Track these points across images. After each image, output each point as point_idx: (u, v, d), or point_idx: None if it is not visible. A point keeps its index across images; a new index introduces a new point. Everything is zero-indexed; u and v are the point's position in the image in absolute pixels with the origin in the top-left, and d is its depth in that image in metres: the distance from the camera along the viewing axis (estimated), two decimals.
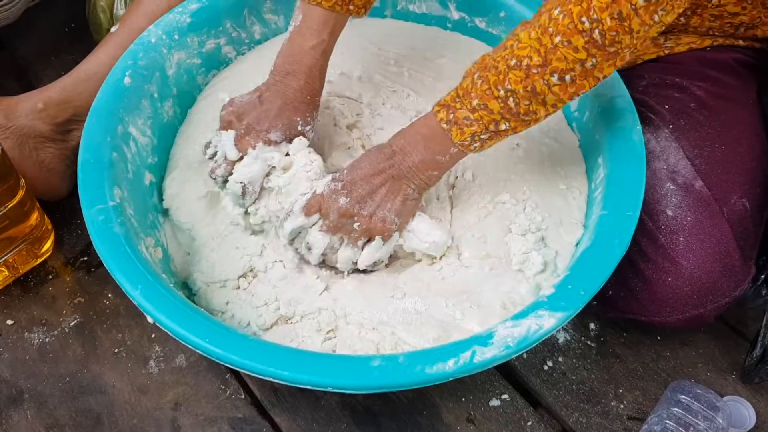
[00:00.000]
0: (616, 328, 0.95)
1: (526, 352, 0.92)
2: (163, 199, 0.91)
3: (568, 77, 0.71)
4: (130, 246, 0.77)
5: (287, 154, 0.87)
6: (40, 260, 0.99)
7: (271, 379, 0.70)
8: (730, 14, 0.91)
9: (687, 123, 0.89)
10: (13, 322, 0.95)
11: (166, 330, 0.72)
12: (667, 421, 0.81)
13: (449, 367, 0.68)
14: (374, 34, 1.06)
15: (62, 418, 0.87)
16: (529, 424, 0.87)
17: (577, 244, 0.84)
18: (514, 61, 0.72)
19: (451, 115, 0.76)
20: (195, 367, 0.90)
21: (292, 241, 0.85)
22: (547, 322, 0.71)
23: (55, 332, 0.94)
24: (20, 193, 0.90)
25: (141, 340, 0.93)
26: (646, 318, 0.88)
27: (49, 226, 0.99)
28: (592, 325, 0.95)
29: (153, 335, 0.93)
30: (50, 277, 0.99)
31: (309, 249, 0.83)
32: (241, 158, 0.86)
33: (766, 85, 0.96)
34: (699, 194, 0.85)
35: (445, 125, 0.77)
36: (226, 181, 0.87)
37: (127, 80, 0.90)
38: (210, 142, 0.89)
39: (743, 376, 0.90)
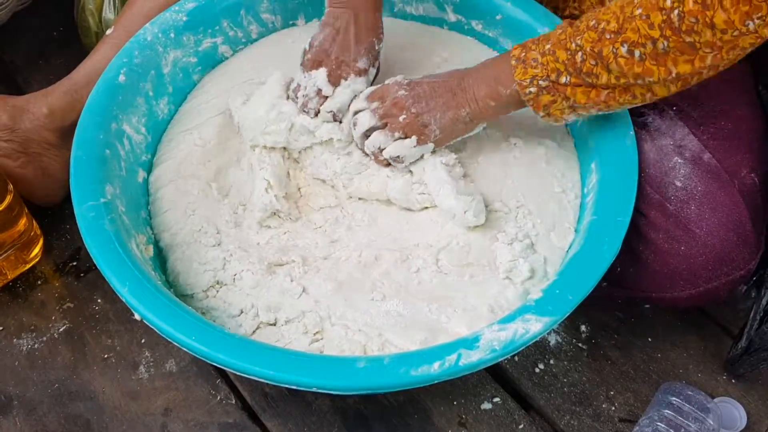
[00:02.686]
0: (608, 330, 0.95)
1: (517, 354, 0.92)
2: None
3: (637, 52, 0.70)
4: (120, 243, 0.77)
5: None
6: (28, 266, 0.98)
7: (257, 379, 0.70)
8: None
9: (689, 103, 0.87)
10: (1, 328, 0.94)
11: (153, 327, 0.72)
12: (658, 423, 0.81)
13: (434, 369, 0.68)
14: None
15: (51, 425, 0.87)
16: (521, 427, 0.87)
17: (568, 249, 0.84)
18: (593, 21, 0.73)
19: (523, 54, 0.78)
20: (185, 372, 0.90)
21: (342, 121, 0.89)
22: (534, 326, 0.71)
23: (44, 338, 0.93)
24: (8, 198, 0.90)
25: (130, 345, 0.92)
26: (656, 294, 0.85)
27: (38, 232, 0.98)
28: (583, 328, 0.95)
29: (143, 340, 0.92)
30: (39, 282, 0.98)
31: (354, 125, 0.86)
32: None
33: (759, 76, 0.96)
34: (708, 166, 0.83)
35: (514, 61, 0.79)
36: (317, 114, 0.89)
37: (121, 78, 0.90)
38: (297, 84, 0.90)
39: (727, 367, 0.90)
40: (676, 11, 0.66)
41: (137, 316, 0.73)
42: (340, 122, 0.89)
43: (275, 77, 0.92)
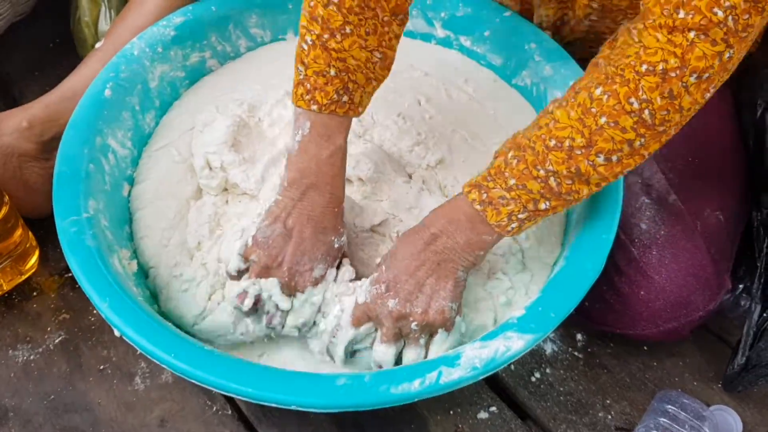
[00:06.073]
0: (603, 339, 0.95)
1: (513, 363, 0.92)
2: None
3: (614, 157, 0.67)
4: (102, 259, 0.77)
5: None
6: (24, 277, 0.98)
7: (236, 397, 0.70)
8: None
9: None
10: None
11: (132, 344, 0.72)
12: (654, 431, 0.81)
13: (415, 387, 0.68)
14: None
15: None
16: None
17: (554, 264, 0.84)
18: (553, 141, 0.68)
19: (484, 195, 0.72)
20: (181, 383, 0.90)
21: (351, 356, 0.79)
22: (516, 344, 0.71)
23: (40, 349, 0.93)
24: (4, 210, 0.90)
25: (126, 356, 0.92)
26: (621, 331, 0.89)
27: (34, 243, 0.98)
28: (579, 336, 0.95)
29: (138, 351, 0.91)
30: (35, 293, 0.98)
31: (380, 366, 0.76)
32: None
33: (741, 98, 0.97)
34: (673, 208, 0.86)
35: (478, 206, 0.72)
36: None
37: (107, 92, 0.90)
38: (246, 292, 0.78)
39: (725, 384, 0.90)
40: (646, 111, 0.65)
41: (117, 333, 0.73)
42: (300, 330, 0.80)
43: (220, 122, 0.89)
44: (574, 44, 0.97)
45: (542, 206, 0.71)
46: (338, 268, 0.80)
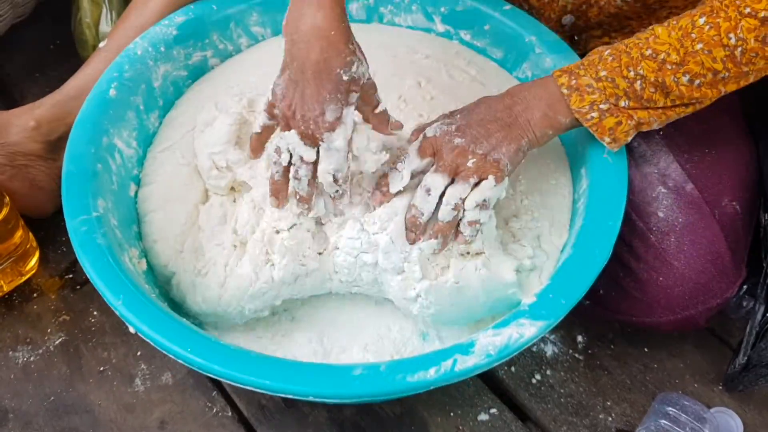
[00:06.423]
0: (604, 340, 0.95)
1: (514, 365, 0.92)
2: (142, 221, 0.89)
3: (697, 81, 0.75)
4: (113, 257, 0.77)
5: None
6: (24, 278, 0.98)
7: (254, 389, 0.70)
8: None
9: (676, 129, 0.89)
10: None
11: (148, 340, 0.72)
12: None
13: (430, 375, 0.69)
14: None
15: None
16: None
17: (562, 250, 0.84)
18: (649, 51, 0.76)
19: (573, 81, 0.78)
20: (181, 385, 0.90)
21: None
22: (528, 330, 0.72)
23: (40, 351, 0.93)
24: (4, 211, 0.90)
25: (127, 357, 0.92)
26: (637, 319, 0.88)
27: (34, 244, 0.98)
28: (579, 338, 0.95)
29: (139, 353, 0.92)
30: (35, 295, 0.98)
31: (428, 192, 0.76)
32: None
33: (748, 96, 0.97)
34: (690, 197, 0.86)
35: (565, 90, 0.78)
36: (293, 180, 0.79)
37: (112, 92, 0.90)
38: (277, 146, 0.78)
39: (726, 384, 0.91)
40: (739, 48, 0.73)
41: (132, 329, 0.73)
42: (335, 180, 0.77)
43: (221, 121, 0.87)
44: (592, 33, 0.97)
45: (622, 104, 0.78)
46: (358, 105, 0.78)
